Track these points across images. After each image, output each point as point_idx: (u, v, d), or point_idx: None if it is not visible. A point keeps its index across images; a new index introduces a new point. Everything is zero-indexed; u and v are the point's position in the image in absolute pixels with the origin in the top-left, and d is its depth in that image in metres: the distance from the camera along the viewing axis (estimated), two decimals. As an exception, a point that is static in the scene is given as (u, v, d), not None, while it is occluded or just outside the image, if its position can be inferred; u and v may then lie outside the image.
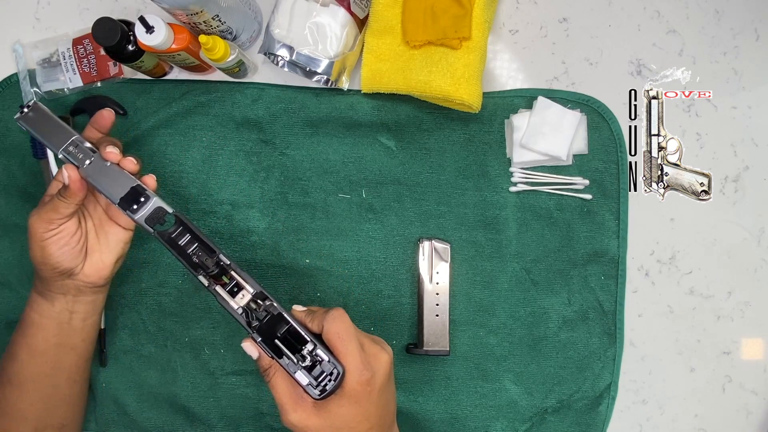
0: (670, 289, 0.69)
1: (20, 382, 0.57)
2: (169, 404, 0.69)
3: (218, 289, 0.50)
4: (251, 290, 0.50)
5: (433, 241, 0.66)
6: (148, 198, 0.52)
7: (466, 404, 0.68)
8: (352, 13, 0.63)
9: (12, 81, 0.68)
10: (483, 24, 0.61)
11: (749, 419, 0.69)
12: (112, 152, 0.53)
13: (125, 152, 0.53)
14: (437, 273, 0.66)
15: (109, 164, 0.52)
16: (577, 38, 0.68)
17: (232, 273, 0.51)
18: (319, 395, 0.47)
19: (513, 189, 0.67)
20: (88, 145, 0.53)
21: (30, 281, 0.68)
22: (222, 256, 0.51)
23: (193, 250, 0.52)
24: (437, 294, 0.66)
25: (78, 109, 0.67)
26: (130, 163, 0.53)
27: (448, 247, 0.66)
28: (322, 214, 0.68)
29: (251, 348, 0.49)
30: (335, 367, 0.47)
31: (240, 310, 0.50)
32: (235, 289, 0.50)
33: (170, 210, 0.52)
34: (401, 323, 0.68)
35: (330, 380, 0.47)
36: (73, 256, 0.54)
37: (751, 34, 0.68)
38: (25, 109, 0.53)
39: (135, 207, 0.52)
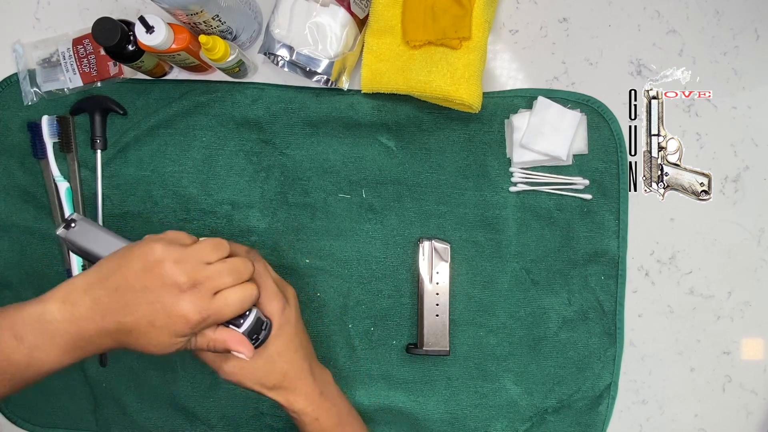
0: (670, 289, 0.69)
1: None
2: (169, 404, 0.69)
3: None
4: None
5: (433, 241, 0.66)
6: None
7: (466, 404, 0.68)
8: (352, 13, 0.63)
9: (12, 81, 0.68)
10: (483, 24, 0.61)
11: (749, 419, 0.69)
12: None
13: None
14: (437, 273, 0.66)
15: None
16: (577, 38, 0.68)
17: None
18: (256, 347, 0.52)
19: (513, 189, 0.67)
20: None
21: (30, 281, 0.68)
22: None
23: None
24: (437, 294, 0.66)
25: (78, 109, 0.67)
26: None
27: (448, 247, 0.66)
28: (322, 214, 0.68)
29: None
30: (265, 322, 0.52)
31: None
32: None
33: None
34: (401, 323, 0.68)
35: (263, 330, 0.52)
36: None
37: (751, 34, 0.68)
38: (72, 225, 0.50)
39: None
